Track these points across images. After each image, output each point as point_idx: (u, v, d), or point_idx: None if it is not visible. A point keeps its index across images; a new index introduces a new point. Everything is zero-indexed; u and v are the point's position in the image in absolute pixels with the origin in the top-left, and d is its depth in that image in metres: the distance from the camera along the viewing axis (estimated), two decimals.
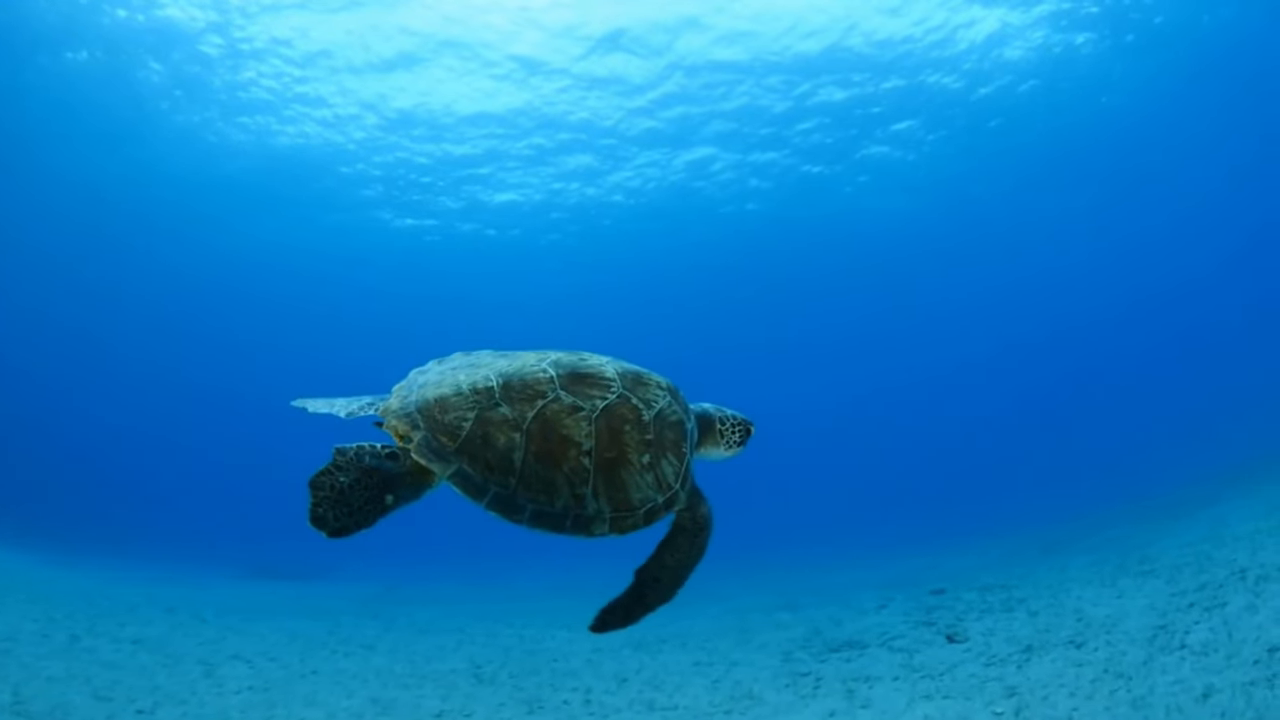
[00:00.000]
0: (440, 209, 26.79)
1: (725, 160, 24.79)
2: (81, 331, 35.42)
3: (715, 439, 3.21)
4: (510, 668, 7.86)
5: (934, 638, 7.94)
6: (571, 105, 21.59)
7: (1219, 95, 23.66)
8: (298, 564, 17.41)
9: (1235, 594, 6.23)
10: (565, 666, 7.95)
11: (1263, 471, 12.89)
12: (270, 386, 39.90)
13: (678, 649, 8.65)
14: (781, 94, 21.59)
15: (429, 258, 30.42)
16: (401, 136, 22.70)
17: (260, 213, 27.34)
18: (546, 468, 2.65)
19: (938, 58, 20.42)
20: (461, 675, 7.51)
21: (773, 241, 29.75)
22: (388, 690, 6.90)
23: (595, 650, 8.60)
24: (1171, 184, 29.30)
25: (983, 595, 9.45)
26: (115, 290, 32.67)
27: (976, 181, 27.02)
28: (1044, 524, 16.28)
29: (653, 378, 2.98)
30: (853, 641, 8.33)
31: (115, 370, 38.82)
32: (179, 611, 10.13)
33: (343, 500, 2.53)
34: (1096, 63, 21.05)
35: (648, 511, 2.78)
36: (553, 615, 11.02)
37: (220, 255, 30.35)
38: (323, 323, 37.16)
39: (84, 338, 35.99)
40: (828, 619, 9.58)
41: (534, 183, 25.35)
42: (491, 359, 2.99)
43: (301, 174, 24.67)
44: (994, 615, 8.25)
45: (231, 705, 6.23)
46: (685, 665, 7.85)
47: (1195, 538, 8.89)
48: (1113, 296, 37.33)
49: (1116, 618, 6.79)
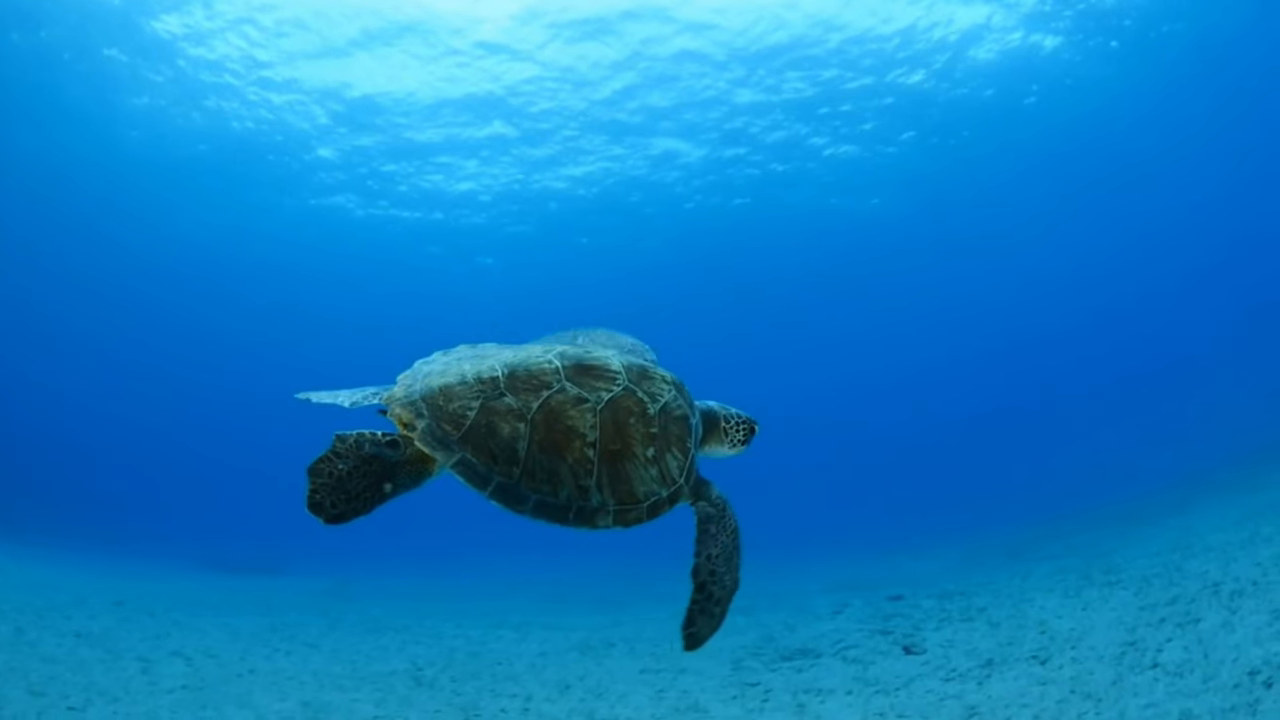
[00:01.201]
0: (400, 196, 26.11)
1: (690, 154, 24.36)
2: (37, 316, 34.26)
3: (719, 437, 3.22)
4: (452, 670, 7.60)
5: (890, 648, 7.60)
6: (534, 94, 21.06)
7: (1194, 104, 23.70)
8: (255, 557, 17.37)
9: (1209, 610, 5.85)
10: (508, 670, 7.67)
11: (1229, 479, 12.68)
12: (232, 377, 39.10)
13: (625, 654, 8.36)
14: (751, 87, 21.19)
15: (389, 246, 29.67)
16: (362, 123, 22.05)
17: (218, 198, 26.41)
18: (551, 459, 2.64)
19: (906, 56, 20.17)
20: (401, 678, 7.25)
21: (737, 238, 29.40)
22: (323, 693, 6.64)
23: (541, 654, 8.36)
24: (1143, 193, 29.39)
25: (942, 603, 9.17)
26: (71, 274, 31.58)
27: (944, 183, 26.81)
28: (1006, 528, 16.12)
29: (658, 371, 2.98)
30: (806, 649, 8.02)
31: (75, 358, 37.69)
32: (128, 605, 9.95)
33: (341, 487, 2.51)
34: (1070, 66, 20.91)
35: (651, 505, 2.77)
36: (502, 615, 10.77)
37: (178, 240, 29.36)
38: (283, 311, 36.19)
39: (40, 322, 34.80)
40: (781, 624, 9.30)
41: (494, 172, 24.76)
42: (497, 350, 2.97)
43: (260, 159, 23.94)
44: (953, 625, 7.92)
45: (163, 705, 6.04)
46: (631, 672, 7.57)
47: (1163, 547, 8.57)
48: (1081, 303, 37.42)
49: (1082, 631, 6.42)
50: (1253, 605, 5.62)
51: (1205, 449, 18.25)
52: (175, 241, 29.39)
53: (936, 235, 31.01)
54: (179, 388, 39.90)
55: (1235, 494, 10.79)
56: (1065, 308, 37.77)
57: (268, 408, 40.72)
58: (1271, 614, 5.36)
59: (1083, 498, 17.98)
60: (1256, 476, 11.57)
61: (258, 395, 40.14)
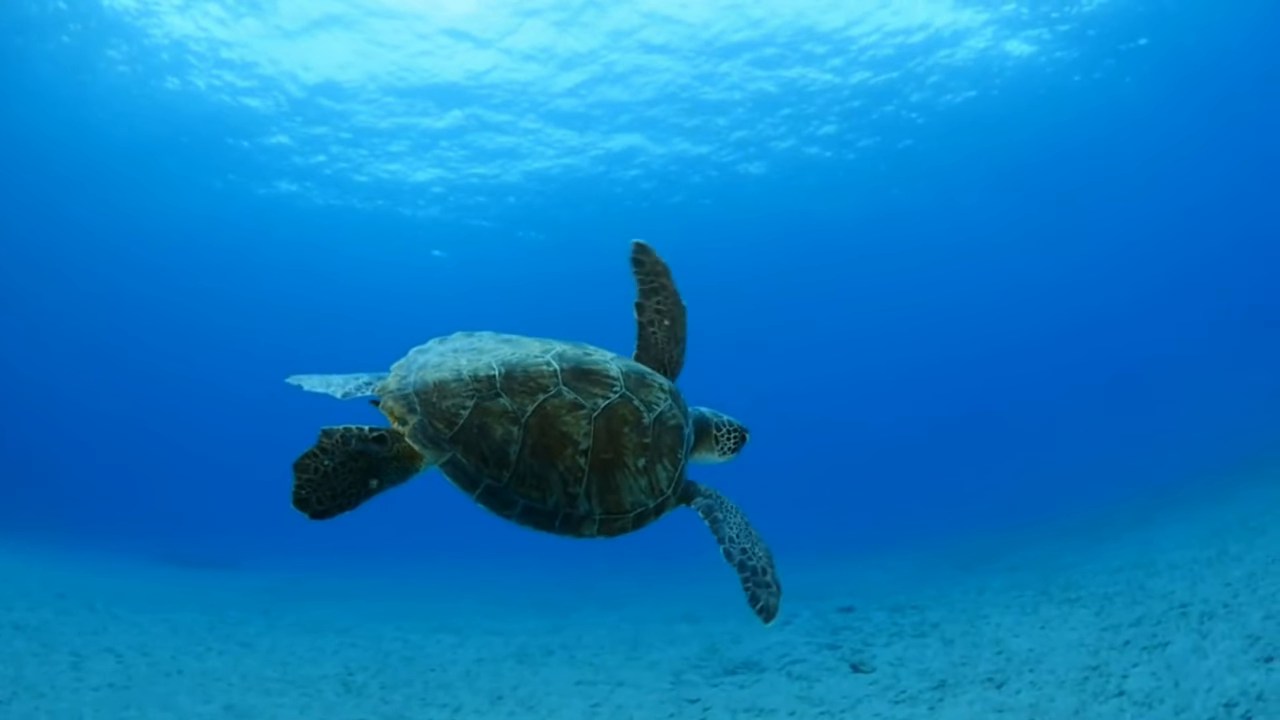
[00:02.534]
0: (358, 186, 25.34)
1: (651, 149, 23.89)
2: None
3: (710, 444, 3.18)
4: (384, 676, 7.33)
5: (838, 664, 7.24)
6: (496, 85, 20.48)
7: (1166, 118, 23.79)
8: (210, 551, 17.34)
9: (1177, 633, 5.44)
10: (441, 678, 7.33)
11: (1190, 493, 12.43)
12: (193, 366, 38.22)
13: (564, 663, 8.09)
14: (715, 84, 20.79)
15: (347, 236, 28.87)
16: (323, 109, 21.33)
17: (178, 182, 25.59)
18: (541, 464, 2.58)
19: (871, 58, 19.90)
20: (330, 683, 6.99)
21: (698, 238, 29.00)
22: (249, 696, 6.43)
23: (477, 660, 8.15)
24: (1115, 204, 29.52)
25: (893, 616, 8.86)
26: (34, 256, 30.43)
27: (903, 187, 26.70)
28: (959, 538, 15.88)
29: (656, 379, 2.92)
30: (750, 663, 7.71)
31: (31, 344, 36.59)
32: (70, 598, 9.83)
33: (326, 483, 2.46)
34: (1038, 71, 20.81)
35: (637, 515, 2.73)
36: (445, 617, 10.52)
37: (140, 223, 28.45)
38: (242, 300, 35.17)
39: None
40: (727, 634, 9.03)
41: (452, 163, 24.09)
42: (494, 344, 2.89)
43: (218, 142, 23.14)
44: (904, 641, 7.53)
45: (86, 702, 5.90)
46: (567, 683, 7.28)
47: (1124, 563, 8.22)
48: (1042, 314, 37.64)
49: (1041, 653, 6.00)
50: (1225, 629, 5.21)
51: (1164, 462, 18.15)
52: (136, 224, 28.50)
53: (898, 240, 30.87)
54: (140, 377, 39.09)
55: (1197, 508, 10.51)
56: (1026, 318, 37.96)
57: (229, 398, 40.11)
58: (1246, 639, 4.94)
59: (1038, 508, 17.82)
60: (1219, 491, 11.31)
61: (219, 386, 39.38)
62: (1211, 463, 15.00)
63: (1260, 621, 5.11)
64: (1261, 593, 5.59)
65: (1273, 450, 13.35)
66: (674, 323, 3.24)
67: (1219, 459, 15.09)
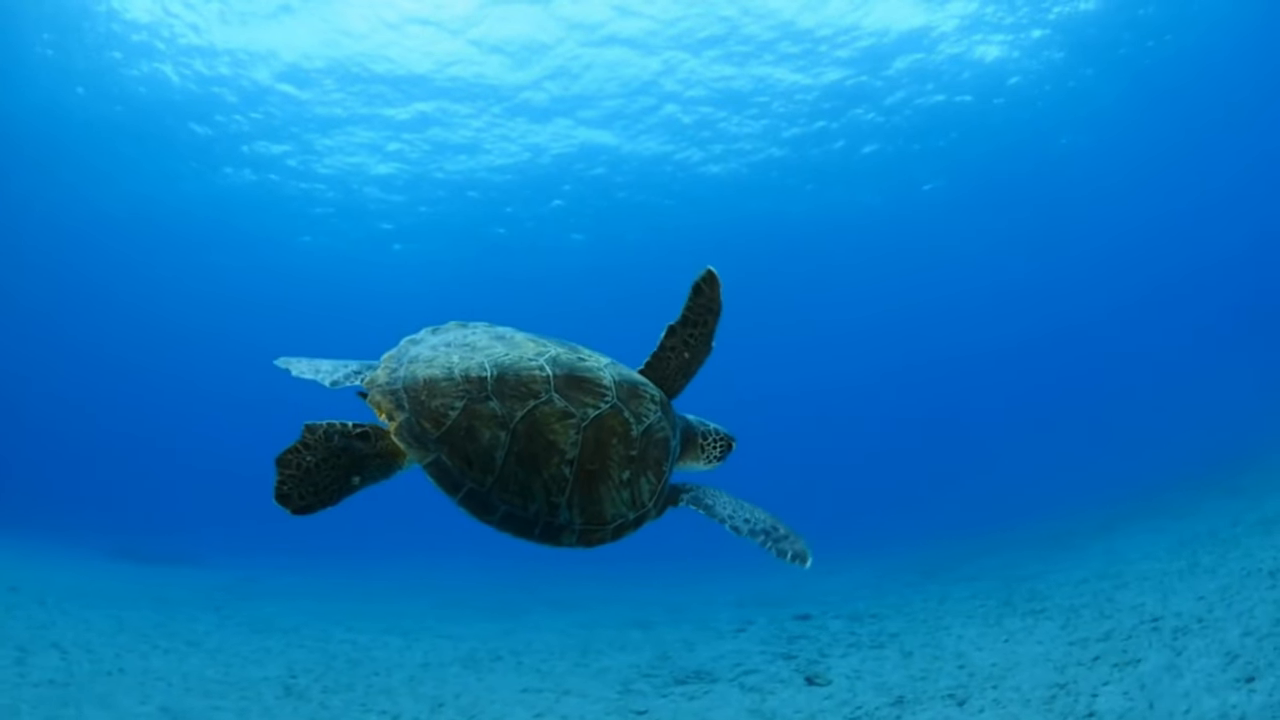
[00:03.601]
0: (317, 174, 24.67)
1: (616, 145, 23.48)
2: None
3: (696, 452, 3.15)
4: (327, 680, 7.09)
5: (792, 676, 6.87)
6: (460, 74, 19.96)
7: (1134, 131, 23.82)
8: (168, 547, 17.19)
9: (1150, 649, 5.10)
10: (384, 683, 7.08)
11: (1154, 505, 12.17)
12: (152, 357, 37.63)
13: (511, 669, 7.78)
14: (682, 79, 20.47)
15: (306, 225, 28.13)
16: (284, 95, 20.71)
17: (136, 167, 24.68)
18: (526, 471, 2.55)
19: (839, 58, 19.70)
20: (271, 685, 6.77)
21: (662, 235, 28.66)
22: (188, 698, 6.28)
23: (423, 665, 7.78)
24: (1080, 217, 29.60)
25: (851, 625, 8.54)
26: None
27: (867, 190, 26.52)
28: (921, 544, 15.63)
29: (648, 390, 2.87)
30: (702, 672, 7.37)
31: None
32: (22, 591, 9.73)
33: (308, 479, 2.46)
34: (1010, 77, 20.76)
35: (617, 528, 2.70)
36: (396, 618, 10.27)
37: (98, 208, 27.46)
38: (201, 288, 33.95)
39: None
40: (680, 641, 8.77)
41: (412, 154, 23.52)
42: (488, 341, 2.84)
43: (181, 127, 22.39)
44: (862, 652, 7.19)
45: (25, 699, 5.82)
46: (512, 691, 6.97)
47: (1090, 574, 7.92)
48: (1006, 322, 37.73)
49: (1005, 668, 5.65)
50: (1200, 646, 4.88)
51: (1128, 472, 18.01)
52: (95, 209, 27.55)
53: (858, 245, 30.77)
54: (101, 368, 38.00)
55: (1163, 519, 10.27)
56: (990, 326, 38.04)
57: (192, 391, 39.20)
58: (1224, 657, 4.61)
59: (1001, 516, 17.61)
60: (1185, 502, 11.09)
61: (182, 378, 38.44)
62: (1175, 474, 14.86)
63: (1239, 638, 4.79)
64: (1238, 607, 5.27)
65: (1239, 462, 13.18)
66: (693, 359, 3.13)
67: (1183, 470, 14.94)
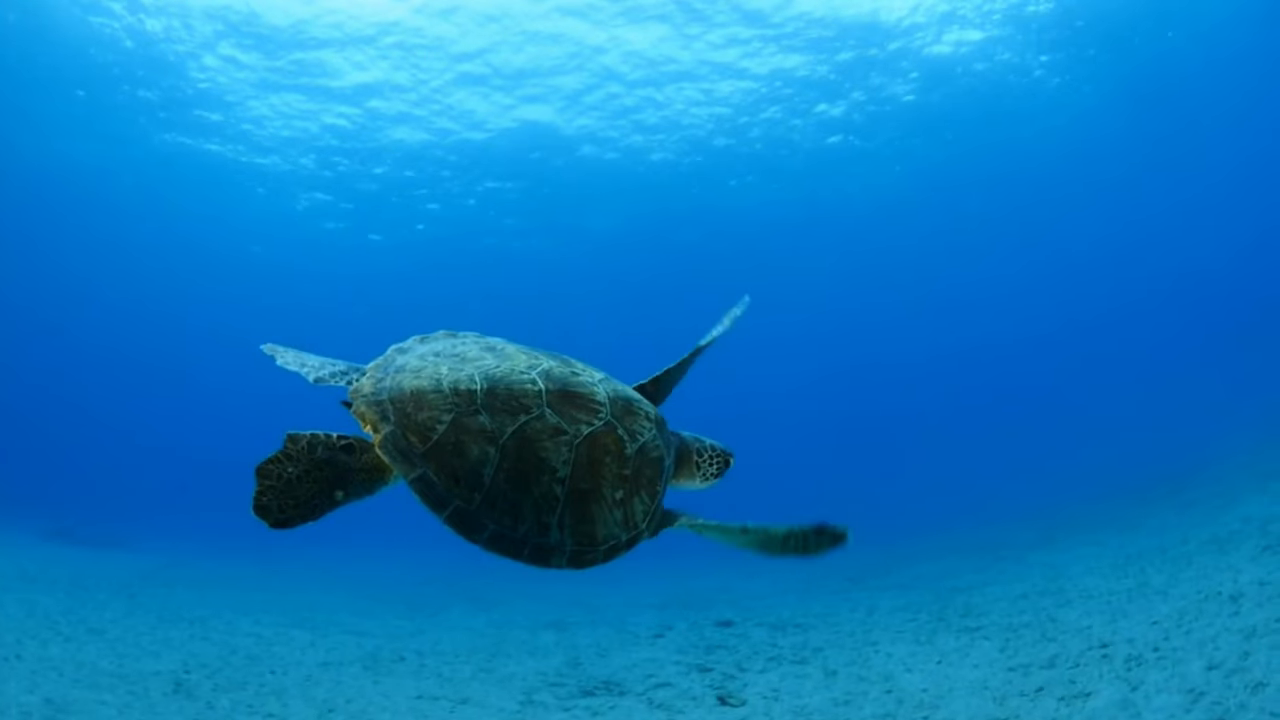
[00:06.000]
0: (255, 141, 23.44)
1: (565, 127, 22.73)
2: None
3: (691, 471, 2.99)
4: (220, 676, 6.71)
5: (705, 692, 6.32)
6: (404, 40, 19.02)
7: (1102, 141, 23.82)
8: (102, 530, 16.90)
9: (1100, 681, 4.50)
10: (277, 683, 6.65)
11: (1093, 516, 11.82)
12: (94, 331, 36.29)
13: (412, 672, 7.25)
14: (631, 61, 19.80)
15: (239, 193, 26.72)
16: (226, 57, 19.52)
17: (82, 127, 23.14)
18: (515, 490, 2.42)
19: (801, 43, 19.20)
20: (162, 680, 6.41)
21: (600, 219, 28.02)
22: (76, 689, 5.94)
23: (323, 664, 7.37)
24: (1030, 228, 29.71)
25: (773, 635, 8.03)
26: None
27: (826, 186, 26.17)
28: (850, 548, 15.07)
29: (642, 407, 2.75)
30: (611, 683, 6.91)
31: None
32: None
33: (289, 491, 2.33)
34: (983, 73, 20.59)
35: (609, 549, 2.57)
36: (309, 611, 9.97)
37: (25, 163, 25.72)
38: (151, 260, 32.43)
39: None
40: (593, 646, 8.36)
41: (350, 128, 22.41)
42: (478, 352, 2.71)
43: (128, 79, 20.87)
44: (782, 667, 6.62)
45: None
46: (407, 697, 6.47)
47: (1030, 589, 7.38)
48: (949, 329, 38.04)
49: (937, 695, 5.04)
50: (1159, 680, 4.28)
51: (1066, 479, 17.85)
52: (21, 164, 25.75)
53: (797, 243, 30.52)
54: (40, 341, 36.43)
55: (1105, 532, 9.83)
56: (926, 330, 38.27)
57: (133, 366, 37.45)
58: (1186, 695, 4.02)
59: (933, 520, 17.42)
60: (1128, 515, 10.70)
61: (122, 352, 36.64)
62: (1117, 484, 14.67)
63: (1203, 673, 4.20)
64: (1197, 635, 4.70)
65: (1184, 474, 12.92)
66: (680, 374, 3.14)
67: (1125, 480, 14.76)
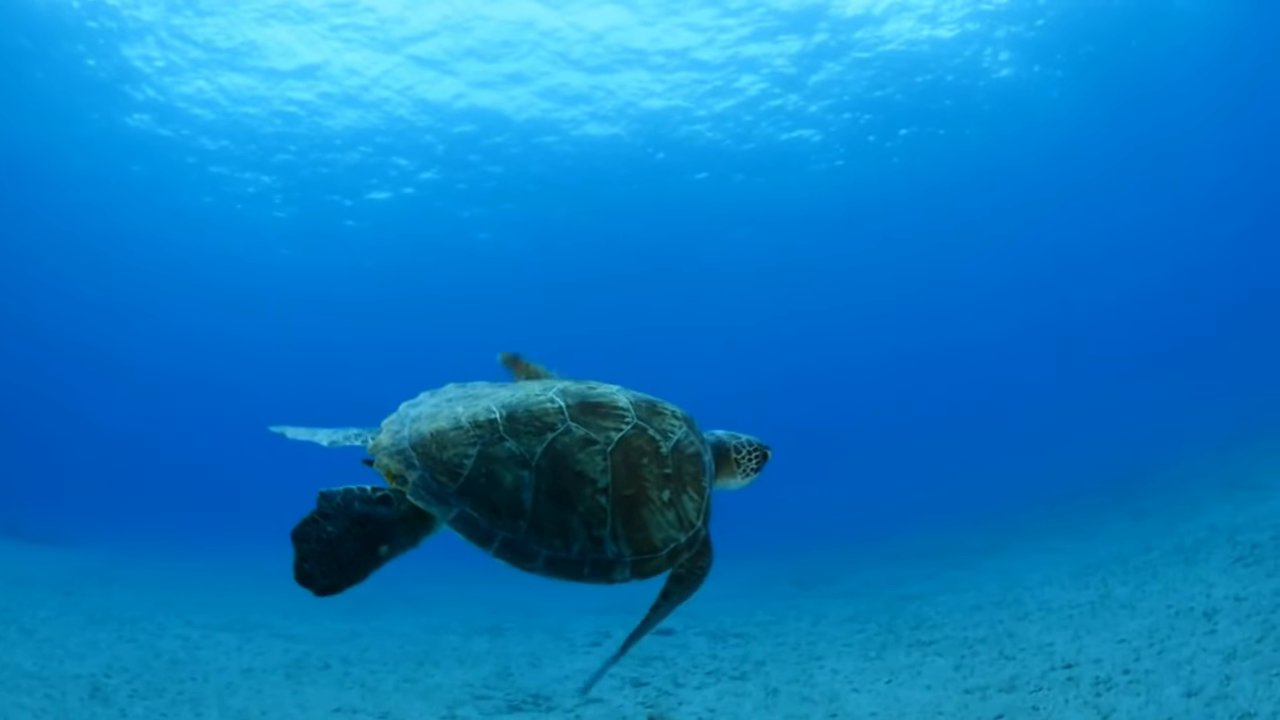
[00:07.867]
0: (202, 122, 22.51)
1: (516, 116, 22.14)
2: None
3: (731, 468, 2.91)
4: (139, 682, 6.36)
5: (637, 711, 5.85)
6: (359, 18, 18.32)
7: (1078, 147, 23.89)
8: (54, 527, 16.66)
9: (1067, 708, 4.06)
10: (196, 690, 6.34)
11: (1043, 523, 11.60)
12: (42, 319, 34.70)
13: (335, 680, 6.89)
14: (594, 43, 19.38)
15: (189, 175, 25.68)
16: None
17: (16, 100, 22.01)
18: (560, 509, 2.34)
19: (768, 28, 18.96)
20: (81, 684, 6.14)
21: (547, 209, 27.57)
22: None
23: (246, 670, 7.04)
24: (989, 236, 29.81)
25: (714, 646, 7.55)
26: None
27: (780, 183, 25.95)
28: (798, 552, 15.04)
29: (667, 407, 2.70)
30: (540, 696, 6.52)
31: None
32: None
33: (331, 553, 2.19)
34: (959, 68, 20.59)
35: (671, 552, 2.47)
36: (241, 612, 9.65)
37: None
38: (97, 247, 31.27)
39: None
40: (526, 655, 7.98)
41: (301, 112, 21.64)
42: (490, 389, 2.71)
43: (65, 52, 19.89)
44: (721, 684, 6.21)
45: None
46: (324, 710, 6.14)
47: (984, 600, 7.00)
48: (901, 333, 38.26)
49: (887, 719, 4.56)
50: (1132, 708, 3.84)
51: (1016, 483, 17.75)
52: None
53: (755, 254, 30.21)
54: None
55: (1059, 539, 9.55)
56: (874, 335, 38.43)
57: (88, 357, 35.86)
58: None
59: (880, 524, 17.15)
60: (1082, 523, 10.47)
61: (76, 342, 35.10)
62: (1068, 488, 14.54)
63: (1181, 700, 3.77)
64: (1171, 656, 4.28)
65: (1139, 480, 12.77)
66: None
67: (1077, 484, 14.65)
